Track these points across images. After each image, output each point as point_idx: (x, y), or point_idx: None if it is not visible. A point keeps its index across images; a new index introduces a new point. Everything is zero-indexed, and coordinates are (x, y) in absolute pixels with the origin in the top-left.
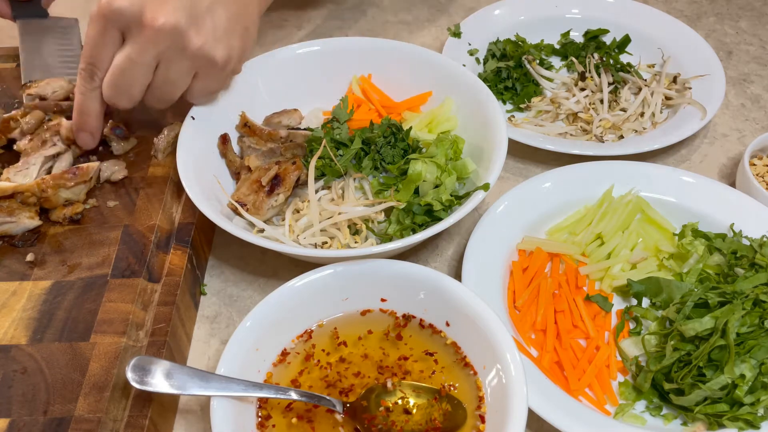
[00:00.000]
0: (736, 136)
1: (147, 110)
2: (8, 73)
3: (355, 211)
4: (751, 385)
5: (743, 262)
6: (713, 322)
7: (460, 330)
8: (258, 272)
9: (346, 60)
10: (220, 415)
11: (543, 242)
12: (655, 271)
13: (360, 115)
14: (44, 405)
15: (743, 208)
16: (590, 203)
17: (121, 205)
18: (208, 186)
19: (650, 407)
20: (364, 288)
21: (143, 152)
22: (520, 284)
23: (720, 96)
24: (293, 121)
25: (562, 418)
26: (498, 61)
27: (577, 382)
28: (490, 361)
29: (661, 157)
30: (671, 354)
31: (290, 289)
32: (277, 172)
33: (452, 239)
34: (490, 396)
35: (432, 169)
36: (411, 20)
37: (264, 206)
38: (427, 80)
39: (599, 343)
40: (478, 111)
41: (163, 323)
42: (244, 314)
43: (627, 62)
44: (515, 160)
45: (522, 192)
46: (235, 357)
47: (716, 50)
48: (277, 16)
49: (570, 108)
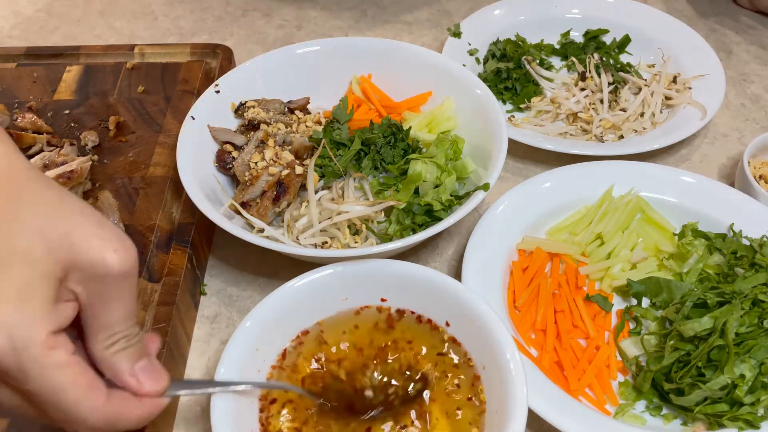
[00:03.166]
0: (736, 136)
1: (147, 110)
2: (8, 73)
3: (355, 211)
4: (750, 385)
5: (743, 262)
6: (712, 322)
7: (461, 330)
8: (258, 272)
9: (346, 60)
10: (221, 416)
11: (543, 242)
12: (655, 271)
13: (360, 115)
14: None
15: (743, 208)
16: (590, 203)
17: (121, 205)
18: (208, 186)
19: (650, 407)
20: (364, 288)
21: (143, 152)
22: (520, 284)
23: (720, 96)
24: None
25: (562, 418)
26: (498, 61)
27: (577, 382)
28: (490, 361)
29: (661, 157)
30: (670, 354)
31: (290, 289)
32: (281, 179)
33: (452, 239)
34: (490, 396)
35: (432, 169)
36: (411, 20)
37: (268, 213)
38: (427, 80)
39: (599, 343)
40: (478, 111)
41: (163, 323)
42: (244, 314)
43: (627, 62)
44: (515, 160)
45: (522, 192)
46: (235, 357)
47: (716, 50)
48: (277, 16)
49: (570, 108)
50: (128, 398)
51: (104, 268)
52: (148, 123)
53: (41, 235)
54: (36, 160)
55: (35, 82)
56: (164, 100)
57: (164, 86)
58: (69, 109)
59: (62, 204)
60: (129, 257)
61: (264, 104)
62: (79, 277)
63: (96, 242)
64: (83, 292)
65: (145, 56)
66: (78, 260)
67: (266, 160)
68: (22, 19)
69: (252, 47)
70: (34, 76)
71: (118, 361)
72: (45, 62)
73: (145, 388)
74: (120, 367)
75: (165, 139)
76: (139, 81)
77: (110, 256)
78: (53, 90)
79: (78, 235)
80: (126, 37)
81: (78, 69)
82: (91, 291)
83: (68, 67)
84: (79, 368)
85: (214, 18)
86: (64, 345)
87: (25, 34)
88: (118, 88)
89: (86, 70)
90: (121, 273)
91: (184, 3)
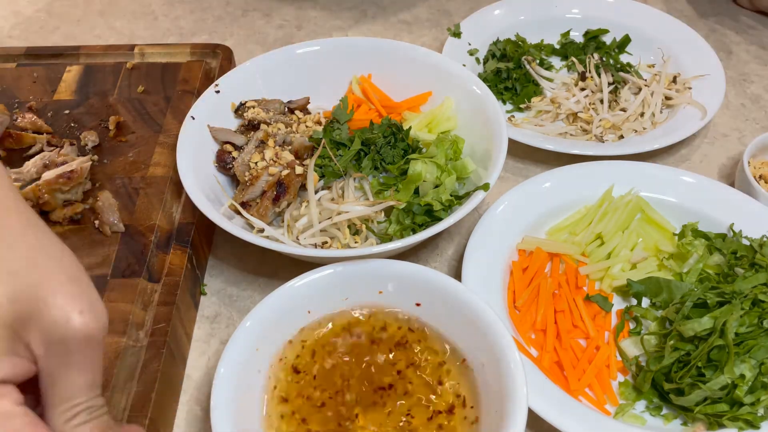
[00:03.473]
0: (736, 136)
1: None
2: (8, 73)
3: (355, 211)
4: (750, 385)
5: (743, 262)
6: (712, 322)
7: (460, 330)
8: (258, 272)
9: (346, 60)
10: (221, 415)
11: (543, 242)
12: (655, 271)
13: (360, 115)
14: None
15: (743, 208)
16: (590, 203)
17: (121, 205)
18: (208, 186)
19: (650, 407)
20: (364, 288)
21: (143, 152)
22: (520, 284)
23: (720, 96)
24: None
25: (562, 418)
26: (498, 61)
27: (577, 382)
28: (490, 360)
29: (661, 157)
30: (670, 354)
31: (290, 289)
32: (281, 179)
33: (452, 239)
34: (490, 396)
35: (432, 169)
36: (411, 20)
37: (268, 213)
38: (427, 80)
39: (599, 343)
40: (478, 111)
41: (163, 323)
42: (244, 314)
43: (627, 62)
44: (515, 160)
45: (522, 192)
46: (235, 357)
47: (716, 50)
48: (277, 16)
49: (570, 108)
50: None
51: (66, 330)
52: (148, 123)
53: (9, 279)
54: (36, 160)
55: (35, 82)
56: (164, 100)
57: (164, 86)
58: (69, 109)
59: (41, 249)
60: (96, 321)
61: (264, 104)
62: (39, 338)
63: (62, 300)
64: (43, 356)
65: (145, 56)
66: (40, 316)
67: (266, 160)
68: (22, 19)
69: (252, 47)
70: (34, 76)
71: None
72: (45, 62)
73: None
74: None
75: (165, 139)
76: (139, 81)
77: (75, 318)
78: (53, 90)
79: (46, 287)
80: (126, 37)
81: (78, 69)
82: (52, 354)
83: (68, 67)
84: (29, 420)
85: (214, 18)
86: (9, 395)
87: (25, 34)
88: (118, 88)
89: (86, 70)
90: (84, 337)
91: (184, 3)
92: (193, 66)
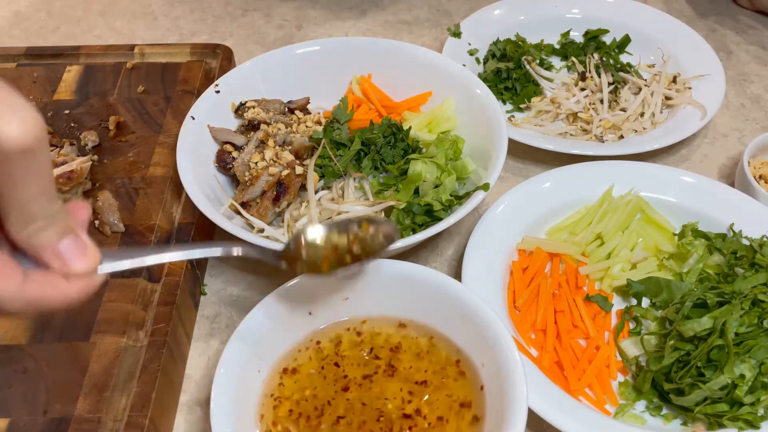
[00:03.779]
0: (736, 136)
1: (147, 110)
2: (8, 73)
3: (354, 211)
4: (750, 385)
5: (743, 262)
6: (711, 322)
7: (460, 330)
8: (258, 272)
9: (346, 60)
10: (221, 415)
11: (543, 242)
12: (655, 271)
13: (360, 115)
14: (44, 405)
15: (743, 208)
16: (590, 203)
17: (121, 205)
18: (208, 186)
19: (650, 407)
20: (364, 288)
21: (143, 152)
22: (520, 284)
23: (720, 96)
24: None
25: (562, 418)
26: (498, 61)
27: (577, 382)
28: (490, 360)
29: (661, 157)
30: (670, 354)
31: (290, 290)
32: (281, 179)
33: (452, 239)
34: (490, 396)
35: (432, 169)
36: (411, 20)
37: (268, 213)
38: (427, 80)
39: (599, 343)
40: (478, 111)
41: (163, 323)
42: (244, 314)
43: (627, 62)
44: (515, 160)
45: (522, 192)
46: (235, 357)
47: (716, 50)
48: (277, 16)
49: (570, 108)
50: (52, 279)
51: (1, 144)
52: (148, 123)
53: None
54: None
55: (35, 82)
56: (164, 100)
57: (164, 86)
58: (69, 109)
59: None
60: (30, 130)
61: (264, 104)
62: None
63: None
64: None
65: (145, 56)
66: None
67: (266, 160)
68: (22, 19)
69: (252, 47)
70: (34, 76)
71: (38, 242)
72: (45, 62)
73: (71, 267)
74: (41, 248)
75: (165, 139)
76: (139, 81)
77: (7, 129)
78: (53, 90)
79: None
80: (126, 37)
81: (78, 69)
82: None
83: (68, 67)
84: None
85: (214, 18)
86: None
87: (25, 34)
88: (118, 88)
89: (86, 70)
90: (21, 148)
91: (184, 3)
92: (193, 66)
